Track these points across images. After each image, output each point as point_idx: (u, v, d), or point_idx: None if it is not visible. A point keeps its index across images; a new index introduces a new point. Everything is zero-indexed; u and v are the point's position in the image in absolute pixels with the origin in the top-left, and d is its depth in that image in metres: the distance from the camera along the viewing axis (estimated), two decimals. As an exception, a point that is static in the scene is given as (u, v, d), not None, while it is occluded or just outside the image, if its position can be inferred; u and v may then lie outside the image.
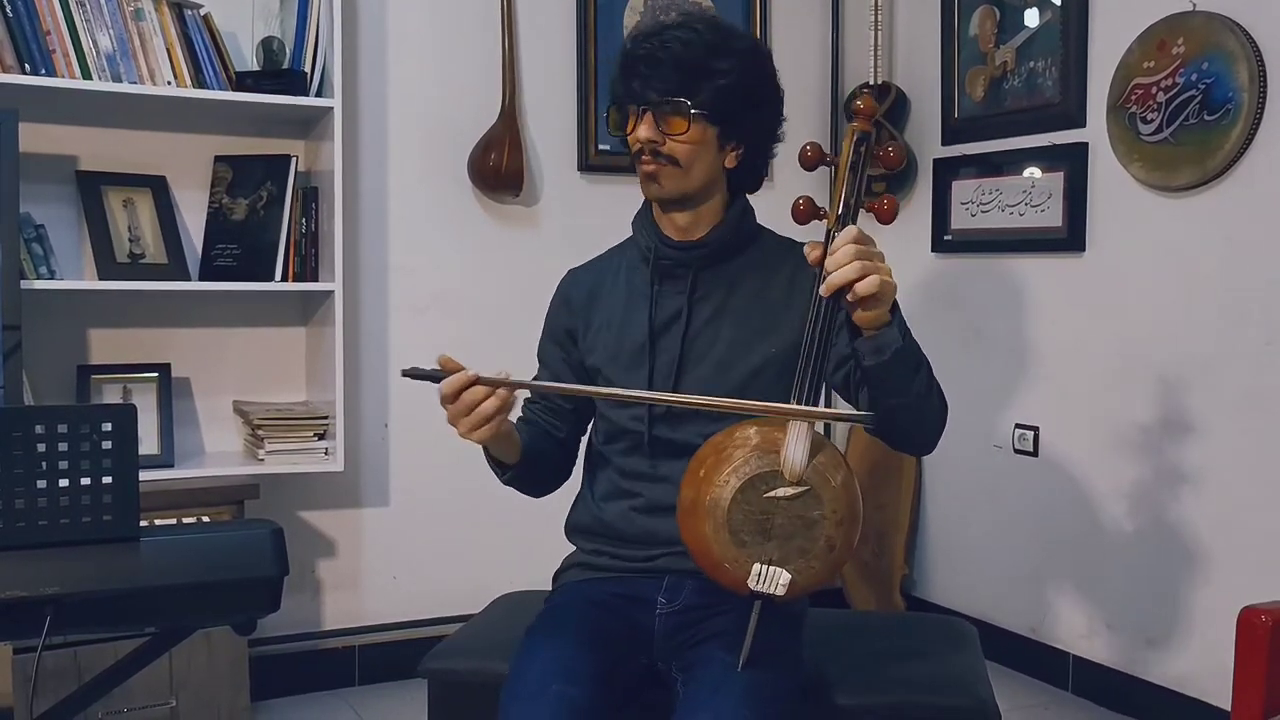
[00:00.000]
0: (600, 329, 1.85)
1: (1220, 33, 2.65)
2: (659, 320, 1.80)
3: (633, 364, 1.80)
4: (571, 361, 1.89)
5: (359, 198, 3.10)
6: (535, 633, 1.71)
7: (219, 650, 2.68)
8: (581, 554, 1.88)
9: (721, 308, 1.79)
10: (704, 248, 1.78)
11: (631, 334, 1.81)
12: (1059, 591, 3.18)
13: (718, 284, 1.80)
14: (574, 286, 1.92)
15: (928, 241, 3.53)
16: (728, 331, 1.78)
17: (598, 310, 1.86)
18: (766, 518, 1.47)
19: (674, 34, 1.70)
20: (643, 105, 1.70)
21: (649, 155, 1.71)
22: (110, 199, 2.79)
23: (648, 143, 1.70)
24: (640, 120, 1.71)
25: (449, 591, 3.20)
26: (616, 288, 1.87)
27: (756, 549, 1.48)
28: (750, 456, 1.48)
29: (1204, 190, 2.74)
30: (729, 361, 1.76)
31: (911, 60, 3.62)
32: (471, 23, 3.19)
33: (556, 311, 1.92)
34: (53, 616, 1.25)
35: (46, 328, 2.75)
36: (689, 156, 1.71)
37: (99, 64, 2.59)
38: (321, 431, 2.87)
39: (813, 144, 1.53)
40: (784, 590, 1.48)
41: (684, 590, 1.74)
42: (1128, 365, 2.95)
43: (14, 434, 1.23)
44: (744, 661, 1.53)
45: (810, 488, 1.47)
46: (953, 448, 3.57)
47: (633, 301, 1.83)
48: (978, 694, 1.79)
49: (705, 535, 1.49)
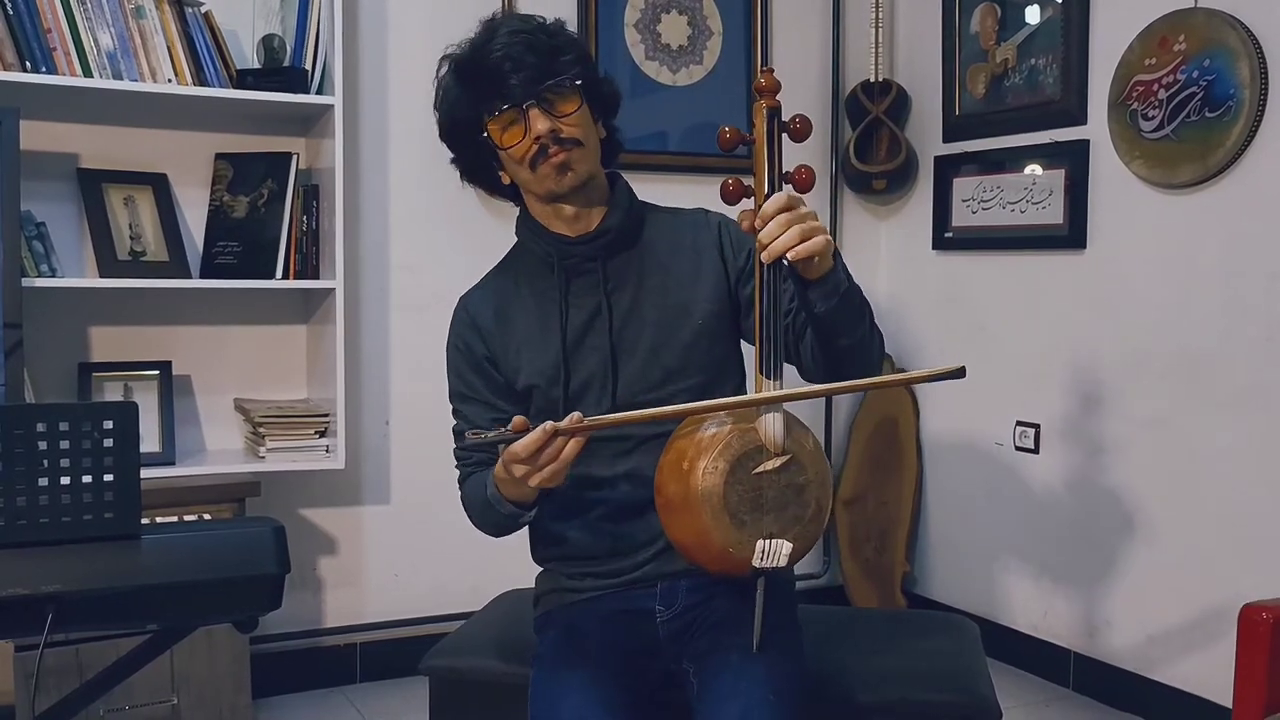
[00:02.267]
0: (520, 348, 1.77)
1: (1222, 29, 2.64)
2: (578, 322, 1.75)
3: (560, 373, 1.74)
4: (497, 386, 1.78)
5: (360, 195, 3.10)
6: (555, 666, 1.64)
7: (220, 648, 2.68)
8: (562, 576, 1.81)
9: (637, 294, 1.76)
10: (605, 235, 1.75)
11: (553, 343, 1.75)
12: (1060, 588, 3.18)
13: (627, 271, 1.77)
14: (478, 311, 1.81)
15: (929, 239, 3.53)
16: (651, 314, 1.74)
17: (511, 329, 1.78)
18: (758, 494, 1.50)
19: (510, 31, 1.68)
20: (529, 100, 1.65)
21: (554, 145, 1.66)
22: (111, 196, 2.79)
23: (549, 134, 1.65)
24: (527, 117, 1.65)
25: (450, 589, 3.20)
26: (521, 301, 1.79)
27: (756, 526, 1.50)
28: (730, 438, 1.50)
29: (1205, 187, 2.74)
30: (660, 345, 1.73)
31: (912, 57, 3.62)
32: (472, 20, 3.11)
33: (464, 341, 1.81)
34: (54, 614, 1.24)
35: (48, 325, 2.75)
36: (585, 133, 1.70)
37: (100, 62, 2.59)
38: (323, 429, 2.87)
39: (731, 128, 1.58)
40: (786, 560, 1.51)
41: (679, 593, 1.72)
42: (1129, 362, 2.95)
43: (15, 432, 1.23)
44: (757, 642, 1.55)
45: (792, 455, 1.52)
46: (954, 445, 3.60)
47: (545, 310, 1.77)
48: (979, 691, 1.79)
49: (704, 526, 1.50)
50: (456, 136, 1.77)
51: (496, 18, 1.79)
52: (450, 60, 1.76)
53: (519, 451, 1.49)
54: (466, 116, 1.71)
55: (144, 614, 1.35)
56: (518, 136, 1.67)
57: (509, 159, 1.71)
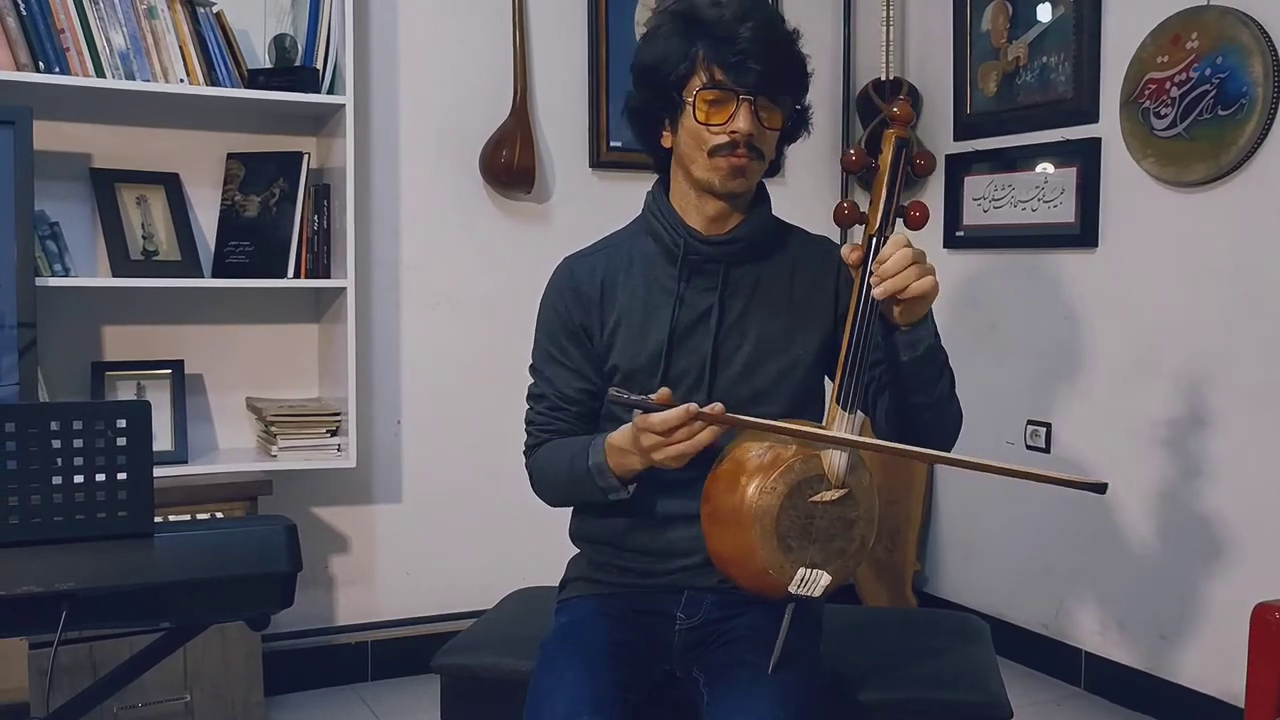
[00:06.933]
0: (618, 326, 1.73)
1: (1234, 27, 2.63)
2: (686, 319, 1.71)
3: (654, 365, 1.71)
4: (593, 359, 1.75)
5: (371, 194, 3.10)
6: (556, 657, 1.63)
7: (233, 645, 2.69)
8: (589, 564, 1.80)
9: (748, 306, 1.73)
10: (737, 243, 1.71)
11: (655, 334, 1.71)
12: (1071, 588, 3.17)
13: (745, 281, 1.73)
14: (582, 278, 1.76)
15: (940, 237, 3.52)
16: (754, 330, 1.71)
17: (613, 305, 1.74)
18: (810, 521, 1.50)
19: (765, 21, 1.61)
20: (752, 94, 1.59)
21: (744, 147, 1.61)
22: (124, 196, 2.80)
23: (745, 135, 1.60)
24: (738, 109, 1.60)
25: (461, 587, 3.21)
26: (632, 280, 1.74)
27: (801, 553, 1.50)
28: (794, 462, 1.50)
29: (1218, 185, 2.73)
30: (757, 362, 1.71)
31: (924, 55, 3.62)
32: (483, 19, 3.19)
33: (565, 305, 1.76)
34: (68, 612, 1.25)
35: (61, 325, 2.76)
36: (771, 148, 1.67)
37: (112, 62, 2.60)
38: (334, 428, 2.88)
39: (857, 148, 1.60)
40: (822, 592, 1.51)
41: (703, 605, 1.71)
42: (1140, 360, 2.94)
43: (29, 430, 1.23)
44: (774, 664, 1.54)
45: (850, 490, 1.51)
46: (965, 443, 3.56)
47: (654, 297, 1.73)
48: (990, 690, 1.79)
49: (750, 543, 1.49)
50: (650, 77, 1.67)
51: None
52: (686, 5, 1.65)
53: (656, 424, 1.48)
54: (677, 68, 1.63)
55: (157, 612, 1.35)
56: (720, 118, 1.61)
57: (690, 133, 1.64)
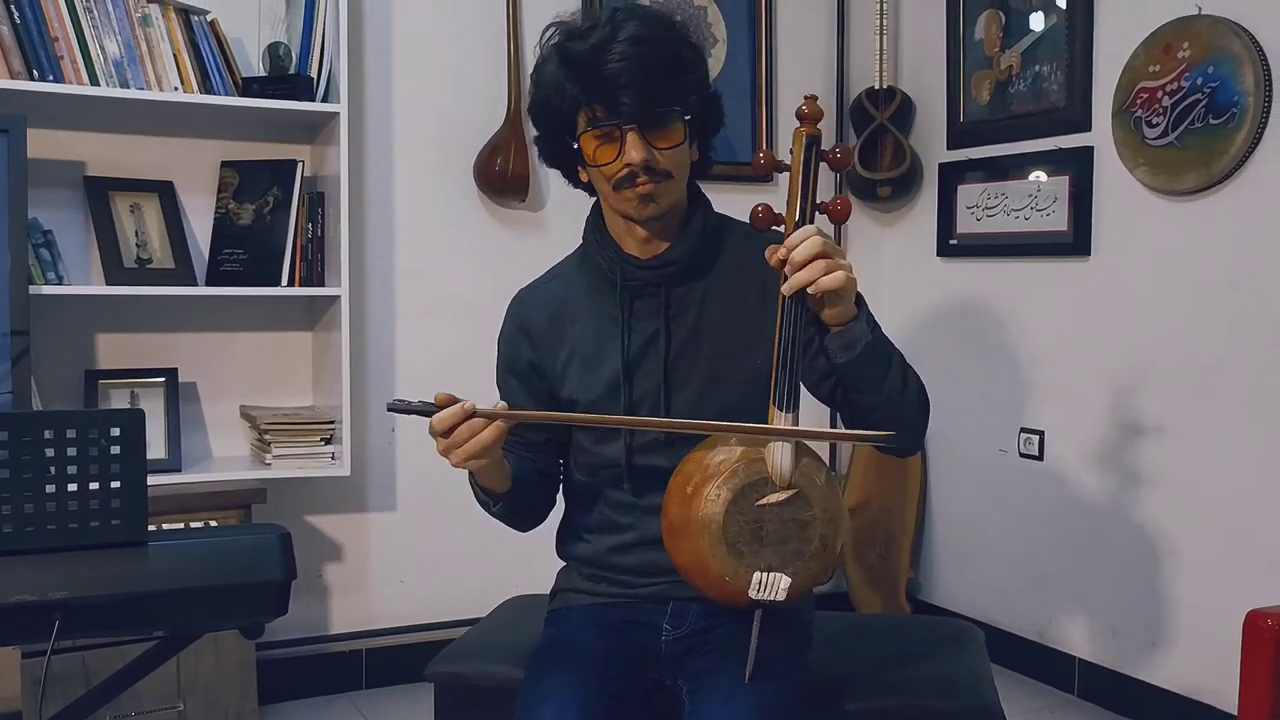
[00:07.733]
0: (570, 360, 1.72)
1: (1226, 36, 2.65)
2: (636, 346, 1.68)
3: (614, 395, 1.68)
4: (537, 394, 1.75)
5: (365, 202, 3.10)
6: (544, 666, 1.64)
7: (227, 654, 2.68)
8: (578, 576, 1.80)
9: (698, 323, 1.68)
10: (673, 265, 1.67)
11: (609, 363, 1.69)
12: (1065, 595, 3.17)
13: (690, 299, 1.69)
14: (531, 315, 1.76)
15: (933, 245, 3.53)
16: (709, 348, 1.67)
17: (564, 339, 1.72)
18: (759, 525, 1.49)
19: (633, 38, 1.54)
20: (632, 123, 1.55)
21: (644, 175, 1.56)
22: (118, 204, 2.80)
23: (642, 164, 1.56)
24: (624, 140, 1.56)
25: (456, 595, 3.21)
26: (582, 311, 1.72)
27: (754, 557, 1.49)
28: (737, 467, 1.49)
29: (1209, 194, 2.74)
30: (715, 380, 1.67)
31: (917, 64, 3.63)
32: (477, 27, 3.20)
33: (514, 343, 1.77)
34: (61, 621, 1.25)
35: (54, 333, 2.76)
36: (679, 165, 1.61)
37: (106, 70, 2.60)
38: (328, 436, 2.87)
39: (765, 152, 1.56)
40: (784, 595, 1.49)
41: (689, 616, 1.70)
42: (1133, 369, 2.95)
43: (22, 439, 1.23)
44: (749, 673, 1.53)
45: (799, 490, 1.49)
46: (958, 451, 3.59)
47: (604, 326, 1.70)
48: (983, 697, 1.79)
49: (701, 551, 1.49)
50: (545, 122, 1.66)
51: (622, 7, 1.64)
52: (561, 36, 1.61)
53: (434, 425, 1.48)
54: (562, 110, 1.60)
55: (150, 620, 1.35)
56: (609, 156, 1.57)
57: (592, 171, 1.63)
